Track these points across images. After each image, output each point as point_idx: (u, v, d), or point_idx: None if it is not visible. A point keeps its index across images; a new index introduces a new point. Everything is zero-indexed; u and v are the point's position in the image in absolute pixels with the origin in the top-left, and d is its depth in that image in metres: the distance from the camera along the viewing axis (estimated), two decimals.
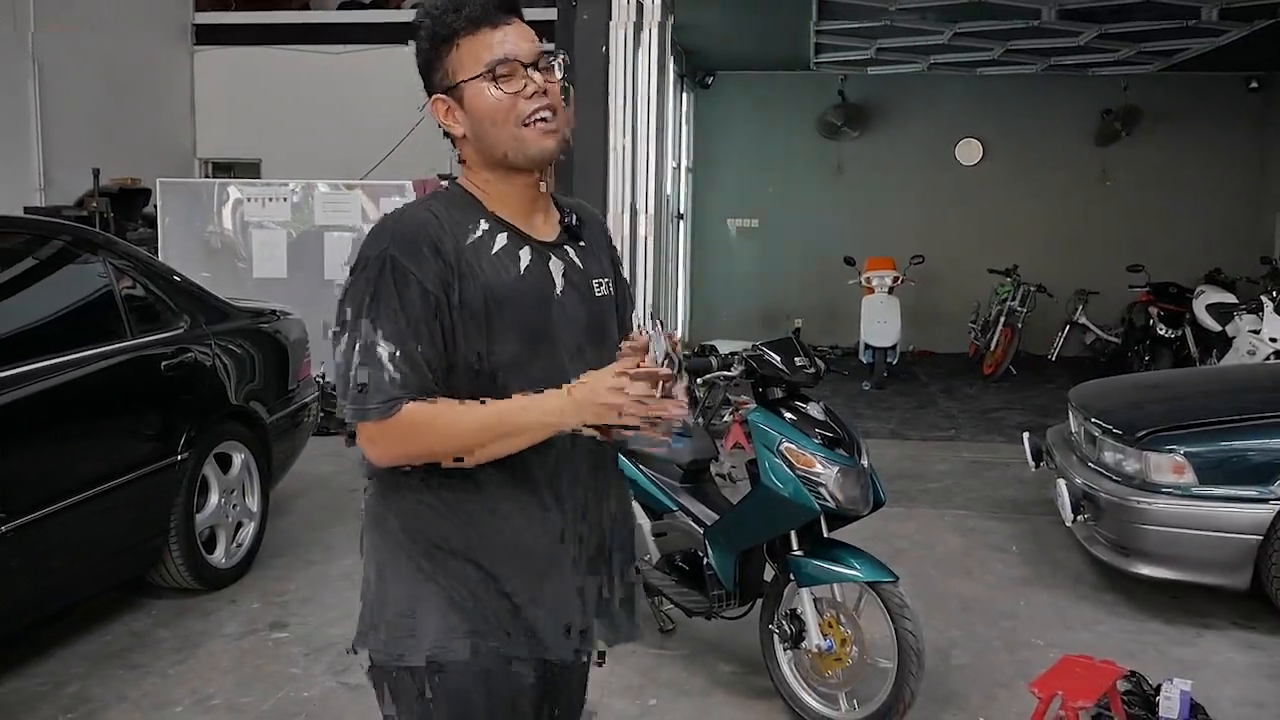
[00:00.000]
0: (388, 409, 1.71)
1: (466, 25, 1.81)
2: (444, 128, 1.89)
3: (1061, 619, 4.75)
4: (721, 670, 4.18)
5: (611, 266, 2.08)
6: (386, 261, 1.74)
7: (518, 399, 1.74)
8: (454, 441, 1.73)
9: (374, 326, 1.72)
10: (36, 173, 9.96)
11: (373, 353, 1.72)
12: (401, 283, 1.73)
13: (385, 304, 1.73)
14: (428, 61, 1.86)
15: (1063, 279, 11.74)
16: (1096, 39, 9.94)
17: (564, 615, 1.91)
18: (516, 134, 1.82)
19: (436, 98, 1.86)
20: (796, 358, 3.78)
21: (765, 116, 13.10)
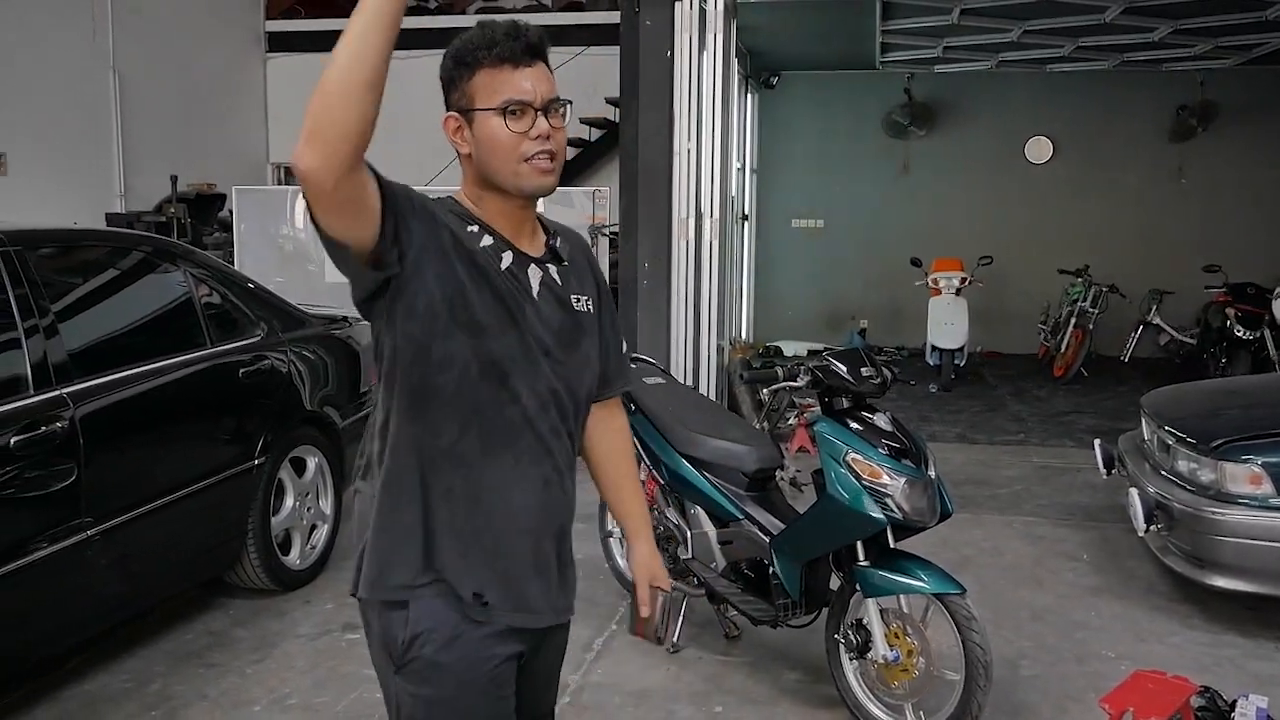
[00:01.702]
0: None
1: (492, 60, 1.92)
2: (451, 143, 2.00)
3: (1134, 631, 4.69)
4: (787, 678, 4.19)
5: (595, 288, 2.16)
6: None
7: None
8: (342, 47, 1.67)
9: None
10: (117, 180, 10.24)
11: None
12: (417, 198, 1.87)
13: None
14: (449, 80, 1.98)
15: (1136, 279, 11.52)
16: (1171, 34, 9.76)
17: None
18: (517, 169, 1.95)
19: (449, 115, 1.99)
20: (863, 368, 3.78)
21: (830, 116, 13.04)
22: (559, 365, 2.01)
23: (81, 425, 3.75)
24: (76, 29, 9.92)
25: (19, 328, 3.71)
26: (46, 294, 3.86)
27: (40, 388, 3.70)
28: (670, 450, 4.30)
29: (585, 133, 12.26)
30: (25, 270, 3.80)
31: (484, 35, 1.93)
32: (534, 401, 1.98)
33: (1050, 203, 12.63)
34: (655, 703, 4.01)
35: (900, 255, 11.29)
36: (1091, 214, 12.56)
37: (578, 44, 11.93)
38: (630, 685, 4.14)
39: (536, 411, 1.99)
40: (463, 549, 1.95)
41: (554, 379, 2.01)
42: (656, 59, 7.34)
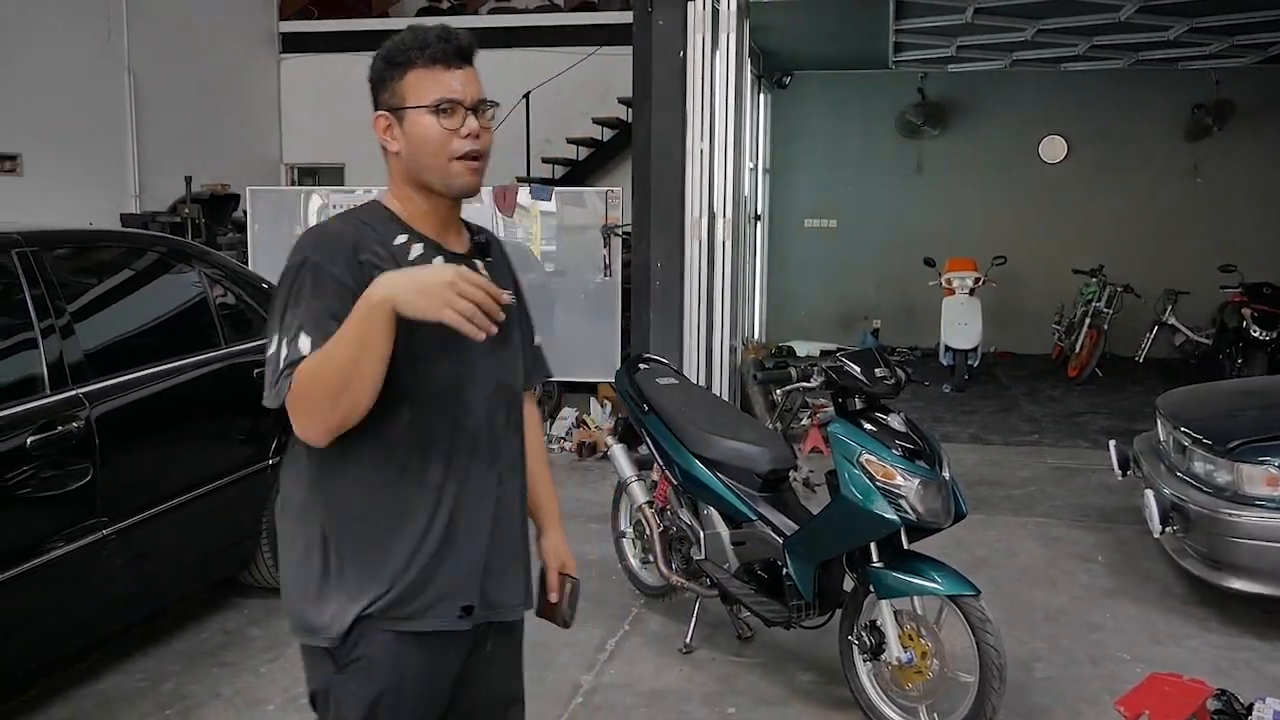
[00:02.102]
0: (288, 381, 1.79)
1: (424, 60, 1.97)
2: (380, 141, 2.03)
3: (1149, 633, 4.67)
4: (800, 679, 4.18)
5: (512, 283, 2.20)
6: (307, 266, 1.88)
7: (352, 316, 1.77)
8: (331, 372, 1.76)
9: (297, 323, 1.84)
10: (132, 180, 10.29)
11: (292, 338, 1.83)
12: (321, 282, 1.86)
13: (308, 302, 1.85)
14: (380, 80, 2.02)
15: (1151, 279, 11.47)
16: (1186, 33, 9.71)
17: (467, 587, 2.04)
18: (446, 166, 1.99)
19: (380, 114, 2.02)
20: (877, 369, 3.77)
21: (843, 116, 13.02)
22: (499, 359, 2.06)
23: (97, 425, 3.77)
24: (91, 30, 9.96)
25: (35, 328, 3.72)
26: (62, 294, 3.88)
27: (56, 388, 3.71)
28: (683, 450, 4.29)
29: (598, 133, 12.27)
30: (41, 271, 3.81)
31: (416, 37, 1.99)
32: (483, 406, 2.03)
33: (1064, 202, 12.59)
34: (668, 703, 4.01)
35: (913, 255, 11.26)
36: (1106, 213, 12.51)
37: (590, 44, 11.96)
38: (643, 686, 4.14)
39: (484, 417, 2.04)
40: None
41: (499, 374, 2.07)
42: (669, 59, 7.34)
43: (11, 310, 3.73)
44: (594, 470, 7.40)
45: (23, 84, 9.20)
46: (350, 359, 1.76)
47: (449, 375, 1.96)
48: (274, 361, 1.84)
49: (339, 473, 1.96)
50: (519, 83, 11.80)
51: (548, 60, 11.89)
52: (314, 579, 1.98)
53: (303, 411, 1.80)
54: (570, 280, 8.33)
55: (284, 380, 1.80)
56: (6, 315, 3.75)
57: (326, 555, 1.97)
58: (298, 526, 2.02)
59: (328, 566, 1.97)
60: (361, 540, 1.97)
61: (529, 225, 8.39)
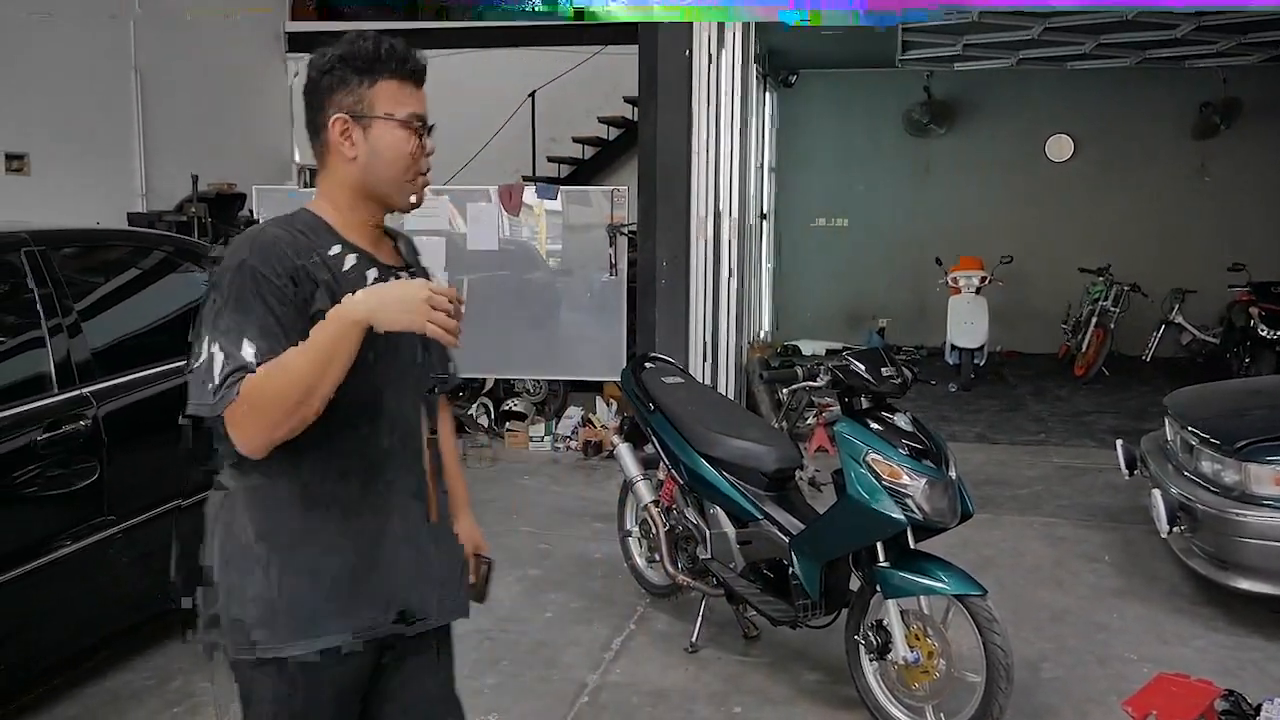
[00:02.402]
0: (234, 388, 1.77)
1: (399, 74, 1.99)
2: (335, 144, 1.99)
3: (1156, 633, 4.66)
4: (806, 679, 4.18)
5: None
6: (246, 270, 1.85)
7: (323, 325, 1.79)
8: (292, 385, 1.76)
9: (238, 330, 1.81)
10: (139, 179, 10.30)
11: (231, 344, 1.80)
12: (261, 287, 1.83)
13: (246, 307, 1.82)
14: (339, 81, 1.98)
15: (1158, 278, 11.45)
16: (1194, 31, 9.69)
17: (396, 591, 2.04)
18: (404, 182, 2.02)
19: (339, 117, 1.97)
20: (883, 368, 3.76)
21: (849, 115, 13.00)
22: (426, 366, 2.10)
23: (104, 424, 3.78)
24: (99, 29, 9.97)
25: (43, 327, 3.74)
26: (70, 293, 3.89)
27: (64, 386, 3.73)
28: (689, 450, 4.29)
29: (603, 132, 12.26)
30: (49, 270, 3.82)
31: (383, 47, 1.99)
32: (412, 412, 2.07)
33: (1071, 201, 12.57)
34: (674, 703, 4.00)
35: (921, 254, 11.26)
36: (1113, 212, 12.48)
37: (596, 43, 11.94)
38: (648, 685, 4.13)
39: (414, 422, 2.07)
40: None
41: (424, 380, 2.11)
42: (675, 58, 7.34)
43: (19, 309, 3.74)
44: (599, 469, 7.40)
45: (30, 83, 9.21)
46: (317, 373, 1.76)
47: (381, 382, 1.97)
48: (207, 368, 1.79)
49: (274, 480, 1.94)
50: (525, 81, 11.80)
51: (553, 59, 11.88)
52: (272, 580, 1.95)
53: (252, 422, 1.77)
54: (576, 279, 8.33)
55: (228, 389, 1.76)
56: (14, 314, 3.77)
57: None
58: (230, 537, 1.98)
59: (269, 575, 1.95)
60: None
61: (534, 224, 8.39)
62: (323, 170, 2.04)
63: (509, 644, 4.47)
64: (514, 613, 4.81)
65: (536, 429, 8.10)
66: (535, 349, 8.39)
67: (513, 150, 11.80)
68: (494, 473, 7.29)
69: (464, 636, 4.44)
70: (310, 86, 2.01)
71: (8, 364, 3.75)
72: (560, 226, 8.38)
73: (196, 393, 1.82)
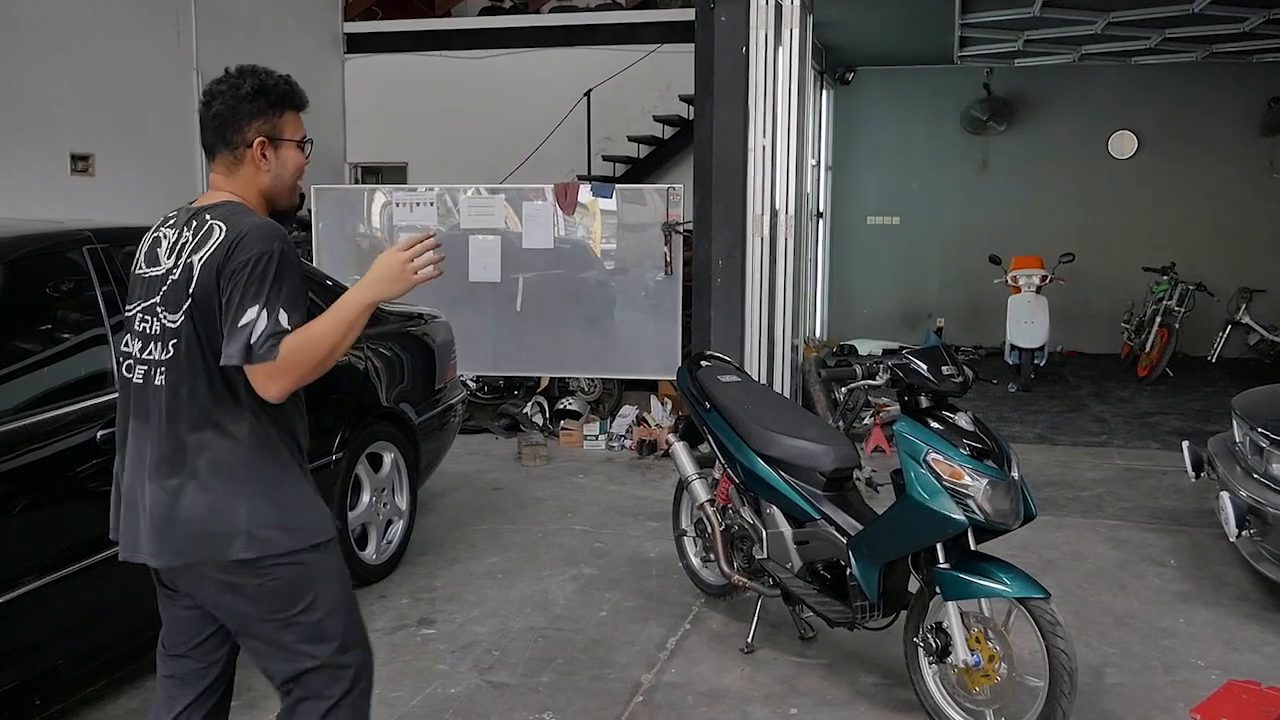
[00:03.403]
0: (274, 347, 2.27)
1: (296, 105, 2.58)
2: (255, 159, 2.50)
3: (1224, 639, 4.54)
4: (864, 681, 4.13)
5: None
6: (286, 257, 2.36)
7: (341, 300, 2.39)
8: (322, 346, 2.31)
9: (280, 302, 2.31)
10: (200, 179, 10.44)
11: (274, 312, 2.29)
12: (294, 271, 2.38)
13: (282, 283, 2.33)
14: (257, 111, 2.49)
15: (1224, 276, 11.22)
16: (1263, 24, 9.47)
17: None
18: (294, 188, 2.61)
19: (263, 139, 2.50)
20: (944, 366, 3.70)
21: (907, 112, 12.88)
22: None
23: None
24: (160, 31, 10.14)
25: (105, 324, 3.79)
26: None
27: None
28: (745, 449, 4.25)
29: (659, 130, 12.25)
30: (111, 267, 3.87)
31: (286, 85, 2.55)
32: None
33: (1135, 198, 12.35)
34: (729, 703, 3.97)
35: (978, 252, 11.12)
36: (1178, 210, 12.25)
37: (651, 41, 11.94)
38: (704, 686, 4.11)
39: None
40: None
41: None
42: (731, 55, 7.30)
43: (82, 307, 3.80)
44: (654, 468, 7.38)
45: (95, 86, 9.39)
46: (341, 342, 2.34)
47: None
48: (251, 329, 2.27)
49: (273, 417, 2.43)
50: (580, 80, 11.82)
51: (609, 58, 11.89)
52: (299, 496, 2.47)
53: (287, 374, 2.29)
54: (631, 278, 8.33)
55: (268, 349, 2.26)
56: (77, 312, 3.82)
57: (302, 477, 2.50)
58: (262, 466, 2.42)
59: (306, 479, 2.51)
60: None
61: (589, 223, 8.40)
62: (232, 176, 2.51)
63: (564, 642, 4.47)
64: (569, 611, 4.80)
65: (591, 428, 8.11)
66: (590, 348, 8.39)
67: (568, 149, 11.82)
68: (548, 471, 7.30)
69: (519, 634, 4.46)
70: (229, 109, 2.47)
71: (70, 361, 3.80)
72: (615, 225, 8.39)
73: (232, 349, 2.29)
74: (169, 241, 2.48)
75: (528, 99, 12.08)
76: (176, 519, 2.39)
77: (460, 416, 6.21)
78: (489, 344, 8.40)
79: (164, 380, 2.40)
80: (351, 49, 13.14)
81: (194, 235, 2.41)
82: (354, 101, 13.16)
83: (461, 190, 8.53)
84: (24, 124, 8.71)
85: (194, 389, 2.38)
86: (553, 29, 12.69)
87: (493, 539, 5.82)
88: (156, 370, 2.42)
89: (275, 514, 2.40)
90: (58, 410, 3.56)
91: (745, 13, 7.22)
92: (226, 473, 2.38)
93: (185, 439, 2.38)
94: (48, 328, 3.83)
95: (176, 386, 2.39)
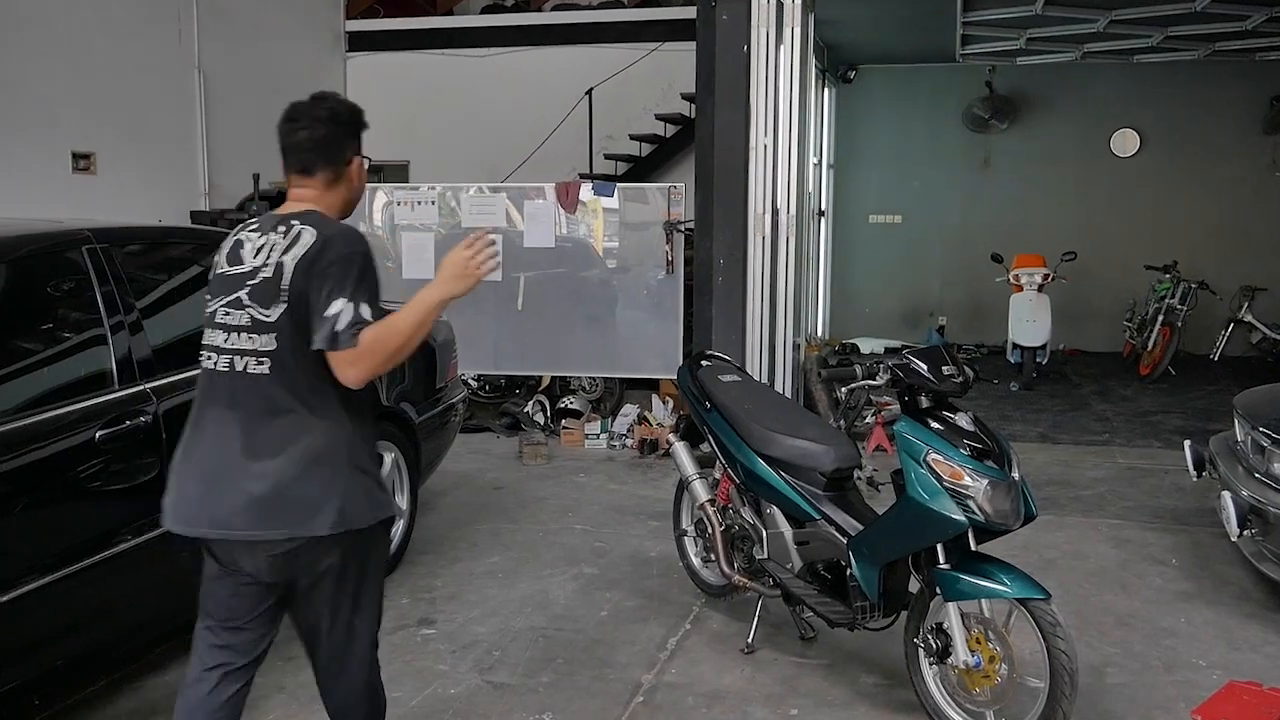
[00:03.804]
0: (355, 336, 2.56)
1: (364, 127, 2.92)
2: (354, 175, 2.89)
3: (1226, 638, 4.54)
4: (864, 681, 4.12)
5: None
6: (366, 256, 2.68)
7: (415, 299, 2.66)
8: (398, 337, 2.59)
9: (364, 296, 2.61)
10: (202, 178, 10.46)
11: (358, 306, 2.58)
12: (375, 271, 2.70)
13: (366, 281, 2.64)
14: (353, 134, 2.89)
15: (1226, 275, 11.20)
16: (1265, 22, 9.45)
17: None
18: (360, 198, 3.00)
19: (361, 156, 2.90)
20: (944, 366, 3.69)
21: (909, 110, 12.86)
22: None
23: (165, 420, 3.82)
24: (162, 30, 10.14)
25: (105, 324, 3.79)
26: (131, 290, 3.94)
27: (125, 383, 3.78)
28: (746, 449, 4.25)
29: (661, 129, 12.24)
30: (112, 267, 3.87)
31: (359, 110, 2.92)
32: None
33: (1137, 197, 12.33)
34: (730, 704, 3.97)
35: (980, 251, 11.11)
36: (1180, 208, 12.23)
37: (653, 40, 11.94)
38: (704, 686, 4.10)
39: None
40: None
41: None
42: (733, 54, 7.29)
43: (82, 306, 3.79)
44: (655, 468, 7.38)
45: (97, 84, 9.39)
46: (414, 335, 2.62)
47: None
48: (336, 318, 2.56)
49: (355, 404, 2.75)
50: (582, 78, 11.81)
51: (611, 56, 11.88)
52: (375, 476, 2.78)
53: (365, 360, 2.57)
54: (632, 277, 8.32)
55: (351, 337, 2.55)
56: (77, 311, 3.82)
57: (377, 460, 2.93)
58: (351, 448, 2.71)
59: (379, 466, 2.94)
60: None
61: (591, 221, 8.39)
62: (329, 190, 2.83)
63: (564, 642, 4.46)
64: (569, 611, 4.80)
65: (592, 427, 8.10)
66: (591, 347, 8.39)
67: (570, 148, 11.82)
68: (549, 470, 7.30)
69: (519, 634, 4.46)
70: (331, 134, 2.82)
71: (70, 361, 3.80)
72: (617, 224, 8.38)
73: (319, 336, 2.58)
74: (253, 244, 2.73)
75: (529, 97, 12.07)
76: (274, 497, 2.61)
77: (461, 416, 6.20)
78: (490, 343, 8.39)
79: (260, 368, 2.65)
80: (353, 48, 13.13)
81: (284, 238, 2.68)
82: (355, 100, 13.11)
83: (463, 189, 8.53)
84: (25, 122, 8.71)
85: (289, 376, 2.64)
86: (555, 27, 12.69)
87: (493, 538, 5.82)
88: (247, 359, 2.66)
89: (361, 493, 2.69)
90: (57, 410, 3.56)
91: (746, 11, 7.21)
92: (319, 454, 2.64)
93: (279, 422, 2.64)
94: (47, 328, 3.83)
95: (273, 374, 2.64)
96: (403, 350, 2.60)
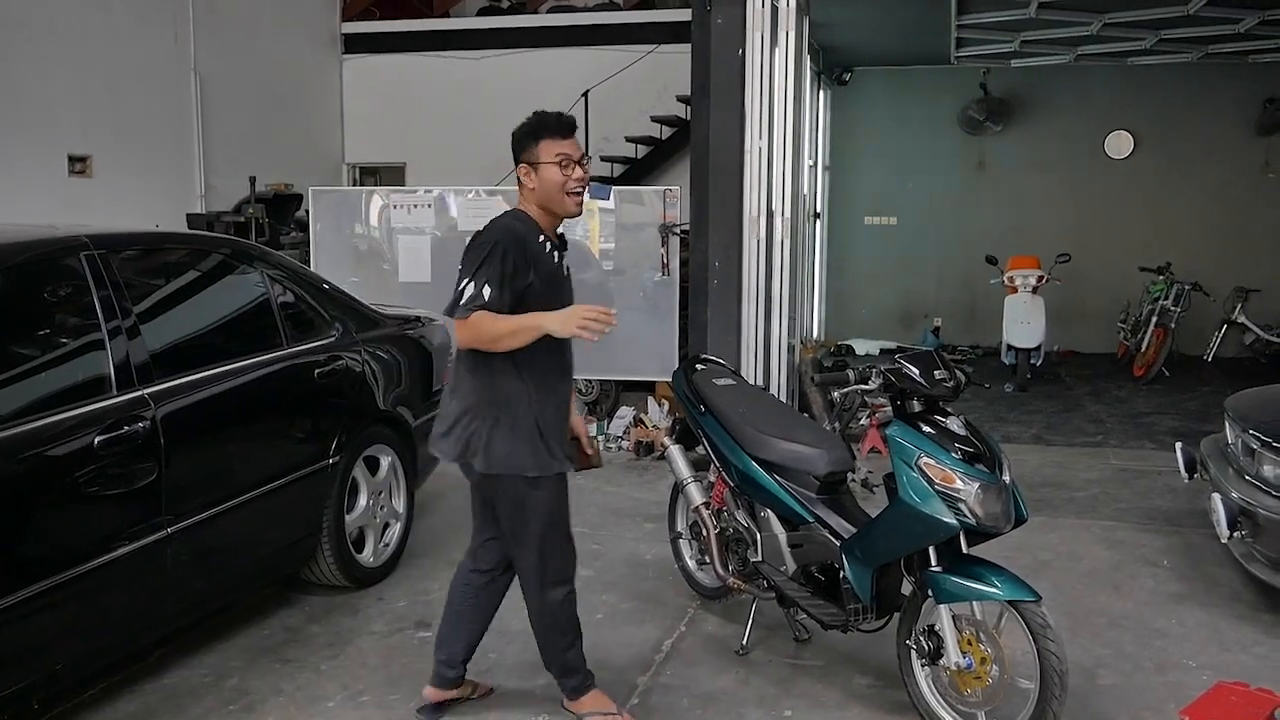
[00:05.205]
0: (469, 312, 3.26)
1: (550, 134, 3.44)
2: (522, 180, 3.47)
3: (1217, 639, 4.57)
4: (857, 683, 4.15)
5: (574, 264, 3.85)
6: (498, 246, 3.31)
7: (528, 315, 3.29)
8: (493, 332, 3.25)
9: (485, 279, 3.27)
10: (198, 181, 10.48)
11: (480, 286, 3.26)
12: (504, 259, 3.30)
13: (492, 266, 3.28)
14: (521, 146, 3.46)
15: (1220, 276, 11.23)
16: (1258, 25, 9.48)
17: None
18: (561, 199, 3.48)
19: (522, 164, 3.45)
20: (936, 371, 3.73)
21: (904, 112, 12.88)
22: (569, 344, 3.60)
23: (162, 425, 3.84)
24: (159, 33, 10.16)
25: (103, 329, 3.81)
26: (129, 296, 3.96)
27: (123, 388, 3.79)
28: (740, 452, 4.28)
29: (656, 131, 12.27)
30: (109, 272, 3.89)
31: (545, 120, 3.45)
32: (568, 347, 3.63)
33: (1131, 198, 12.36)
34: (724, 705, 4.00)
35: (975, 252, 11.14)
36: (1174, 210, 12.27)
37: (648, 42, 11.97)
38: (699, 688, 4.13)
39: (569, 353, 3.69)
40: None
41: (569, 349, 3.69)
42: (728, 57, 7.31)
43: (79, 312, 3.81)
44: (650, 470, 7.40)
45: (93, 87, 9.41)
46: (506, 337, 3.27)
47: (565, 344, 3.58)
48: (461, 295, 3.26)
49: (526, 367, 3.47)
50: (578, 81, 11.84)
51: (607, 58, 11.91)
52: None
53: (467, 333, 3.28)
54: (628, 279, 8.33)
55: (466, 310, 3.25)
56: (75, 317, 3.84)
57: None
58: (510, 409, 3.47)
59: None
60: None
61: (587, 223, 8.40)
62: (521, 191, 3.50)
63: None
64: None
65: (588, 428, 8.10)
66: (587, 348, 8.38)
67: None
68: None
69: (515, 636, 4.48)
70: (514, 144, 3.47)
71: (67, 366, 3.82)
72: (613, 226, 8.39)
73: (450, 305, 3.31)
74: None
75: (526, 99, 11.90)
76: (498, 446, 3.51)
77: None
78: None
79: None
80: (349, 49, 13.16)
81: None
82: (352, 102, 13.18)
83: (459, 191, 8.54)
84: (22, 124, 8.73)
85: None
86: (551, 29, 12.72)
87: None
88: None
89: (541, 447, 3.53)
90: (56, 416, 3.58)
91: (742, 14, 7.23)
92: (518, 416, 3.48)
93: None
94: (46, 334, 3.85)
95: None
96: (493, 344, 3.28)
